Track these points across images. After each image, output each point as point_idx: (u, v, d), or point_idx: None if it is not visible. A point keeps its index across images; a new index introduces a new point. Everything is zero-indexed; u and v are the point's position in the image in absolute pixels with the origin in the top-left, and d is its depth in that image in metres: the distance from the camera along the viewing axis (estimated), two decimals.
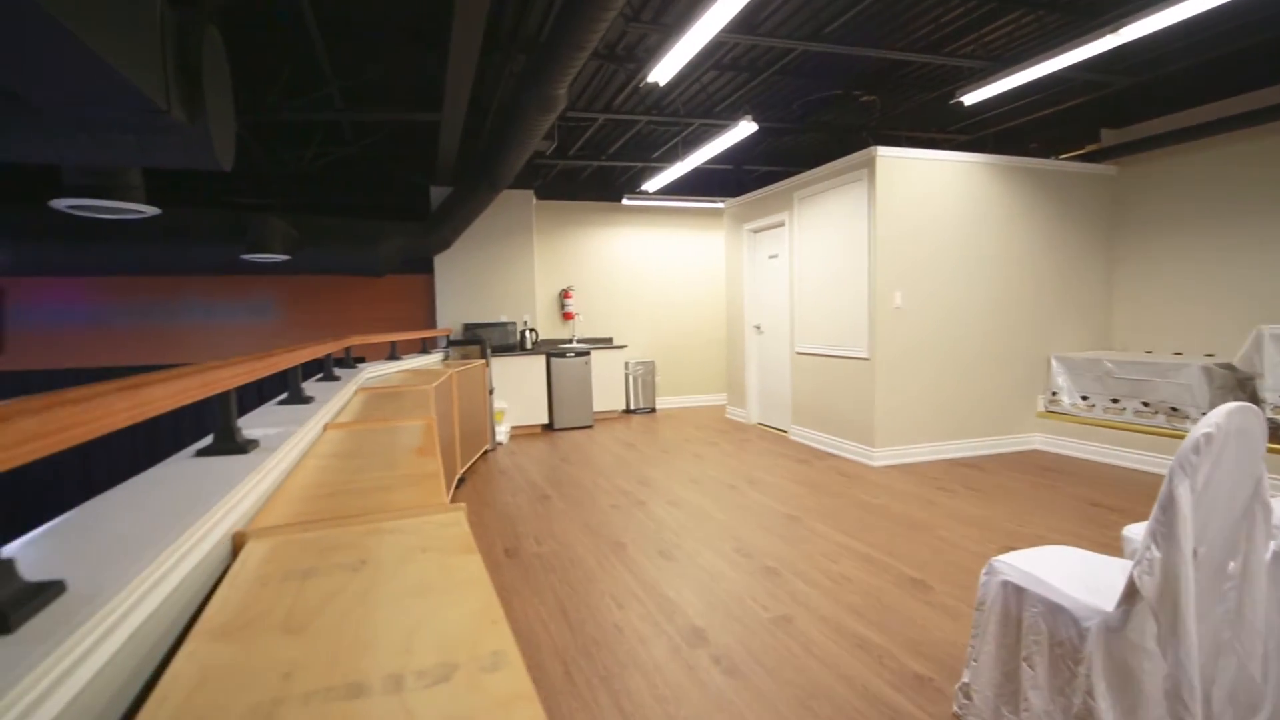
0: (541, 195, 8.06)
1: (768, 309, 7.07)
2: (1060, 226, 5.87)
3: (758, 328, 7.27)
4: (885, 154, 5.21)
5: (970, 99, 4.82)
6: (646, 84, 5.13)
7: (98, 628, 0.72)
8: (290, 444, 1.77)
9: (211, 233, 5.66)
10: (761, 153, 7.56)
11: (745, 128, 5.12)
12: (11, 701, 0.57)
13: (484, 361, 6.09)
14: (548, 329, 8.14)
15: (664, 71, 4.22)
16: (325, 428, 2.33)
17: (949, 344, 5.50)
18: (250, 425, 1.98)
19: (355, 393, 3.39)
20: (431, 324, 7.41)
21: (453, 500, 2.57)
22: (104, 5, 1.53)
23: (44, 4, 1.25)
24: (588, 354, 7.43)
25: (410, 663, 0.75)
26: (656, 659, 2.40)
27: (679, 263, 8.88)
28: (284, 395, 2.48)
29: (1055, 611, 1.65)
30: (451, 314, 7.27)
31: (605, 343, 8.30)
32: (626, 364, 8.25)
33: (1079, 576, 1.74)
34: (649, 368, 8.48)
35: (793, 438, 6.47)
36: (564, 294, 8.24)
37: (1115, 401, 5.29)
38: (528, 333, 7.42)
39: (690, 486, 4.84)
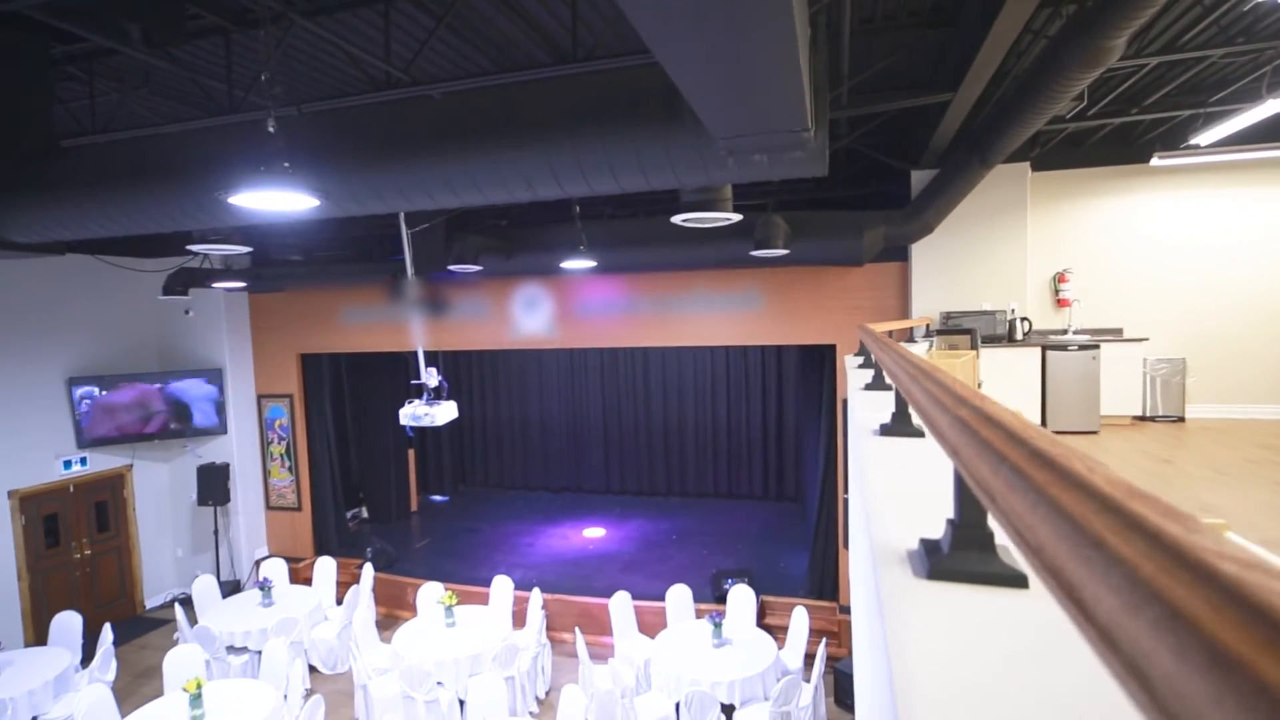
0: (1037, 166, 7.13)
1: None
2: None
3: None
4: None
5: None
6: (1250, 6, 4.03)
7: None
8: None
9: (726, 232, 6.50)
10: None
11: None
12: None
13: (975, 353, 5.69)
14: (1037, 318, 7.21)
15: None
16: None
17: None
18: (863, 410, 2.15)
19: None
20: (905, 312, 7.27)
21: None
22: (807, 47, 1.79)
23: (800, 63, 1.49)
24: (1096, 348, 6.33)
25: None
26: None
27: (1227, 234, 6.91)
28: (868, 381, 2.64)
29: None
30: (928, 302, 6.99)
31: (1113, 334, 6.97)
32: (1144, 361, 6.78)
33: None
34: (1175, 366, 6.82)
35: None
36: (1058, 278, 7.19)
37: None
38: (1019, 322, 6.68)
39: None
